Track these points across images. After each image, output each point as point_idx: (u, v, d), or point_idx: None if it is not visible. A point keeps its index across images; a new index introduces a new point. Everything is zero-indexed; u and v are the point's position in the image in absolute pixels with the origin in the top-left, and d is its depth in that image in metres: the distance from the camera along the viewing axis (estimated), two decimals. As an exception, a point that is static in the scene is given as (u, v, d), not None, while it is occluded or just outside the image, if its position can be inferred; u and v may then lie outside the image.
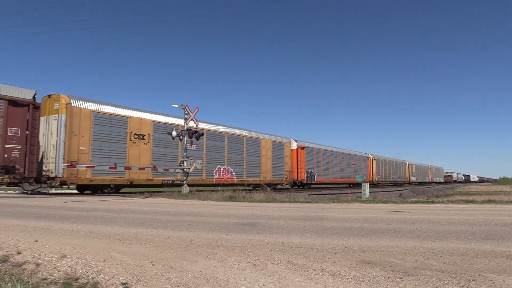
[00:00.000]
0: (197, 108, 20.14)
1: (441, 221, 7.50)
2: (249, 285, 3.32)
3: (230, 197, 14.91)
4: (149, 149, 19.99)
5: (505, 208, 11.17)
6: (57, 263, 3.91)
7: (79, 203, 11.77)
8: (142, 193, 18.57)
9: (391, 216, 8.37)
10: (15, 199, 12.84)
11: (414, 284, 3.30)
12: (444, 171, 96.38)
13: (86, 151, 17.05)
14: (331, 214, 8.99)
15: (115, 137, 18.45)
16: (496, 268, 3.79)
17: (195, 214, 8.76)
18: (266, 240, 5.23)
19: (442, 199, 20.74)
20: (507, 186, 68.53)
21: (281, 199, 14.27)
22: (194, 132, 19.41)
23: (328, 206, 11.89)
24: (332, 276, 3.56)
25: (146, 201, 13.33)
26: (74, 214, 8.14)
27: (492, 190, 47.55)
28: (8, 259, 4.03)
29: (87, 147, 17.15)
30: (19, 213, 8.12)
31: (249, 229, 6.22)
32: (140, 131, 19.69)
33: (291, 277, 3.54)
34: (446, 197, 31.30)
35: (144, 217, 7.93)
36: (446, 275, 3.53)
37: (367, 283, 3.34)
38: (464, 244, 4.94)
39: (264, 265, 3.91)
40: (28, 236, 5.10)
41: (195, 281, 3.42)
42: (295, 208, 10.65)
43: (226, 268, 3.80)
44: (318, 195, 20.88)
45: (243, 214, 8.89)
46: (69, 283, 3.40)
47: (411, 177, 63.35)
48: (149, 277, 3.52)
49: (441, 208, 11.16)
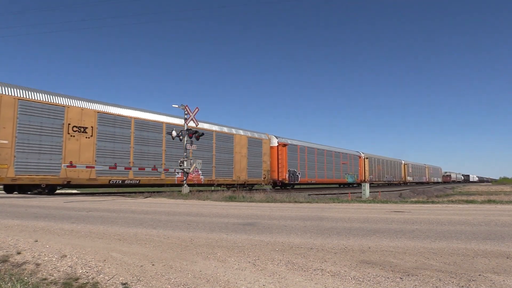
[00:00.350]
0: (197, 108, 20.17)
1: (441, 221, 7.50)
2: (249, 285, 3.32)
3: (230, 197, 14.93)
4: (92, 143, 17.79)
5: (505, 208, 11.17)
6: (57, 263, 3.91)
7: (79, 203, 11.77)
8: (142, 193, 18.58)
9: (391, 216, 8.37)
10: (15, 199, 12.84)
11: (414, 284, 3.30)
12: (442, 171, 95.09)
13: (8, 145, 15.01)
14: (331, 214, 8.98)
15: (47, 130, 16.29)
16: (496, 268, 3.79)
17: (195, 214, 8.76)
18: (266, 240, 5.23)
19: (442, 199, 20.74)
20: (507, 186, 68.49)
21: (281, 199, 14.28)
22: (195, 132, 19.41)
23: (328, 206, 11.89)
24: (332, 276, 3.56)
25: (146, 201, 13.33)
26: (74, 214, 8.14)
27: (492, 190, 47.52)
28: (8, 259, 4.03)
29: (10, 140, 15.09)
30: (19, 213, 8.12)
31: (249, 229, 6.21)
32: (80, 123, 17.45)
33: (291, 277, 3.54)
34: (446, 197, 31.30)
35: (144, 217, 7.93)
36: (446, 275, 3.53)
37: (367, 283, 3.34)
38: (464, 244, 4.94)
39: (264, 265, 3.91)
40: (28, 236, 5.10)
41: (195, 281, 3.42)
42: (295, 208, 10.65)
43: (226, 268, 3.80)
44: (318, 195, 20.92)
45: (243, 214, 8.89)
46: (69, 283, 3.40)
47: (407, 177, 61.44)
48: (149, 277, 3.52)
49: (441, 208, 11.16)
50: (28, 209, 9.13)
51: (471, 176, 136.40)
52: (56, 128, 16.69)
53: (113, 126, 18.88)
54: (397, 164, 58.24)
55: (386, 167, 53.11)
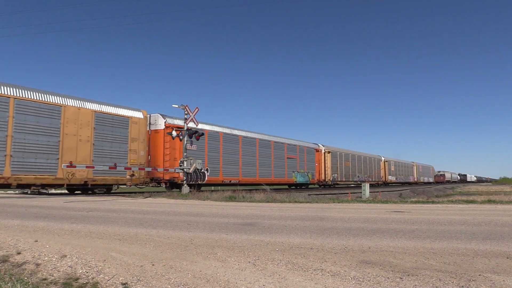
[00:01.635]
0: (197, 108, 20.13)
1: (441, 221, 7.50)
2: (249, 285, 3.32)
3: (230, 197, 14.95)
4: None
5: (505, 208, 11.17)
6: (57, 263, 3.91)
7: (79, 203, 11.77)
8: (142, 193, 18.58)
9: (391, 216, 8.38)
10: (15, 199, 12.85)
11: (414, 284, 3.30)
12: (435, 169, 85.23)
13: None
14: (331, 214, 8.99)
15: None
16: (496, 268, 3.79)
17: (195, 214, 8.77)
18: (266, 240, 5.23)
19: (442, 199, 20.75)
20: (507, 186, 68.46)
21: (281, 199, 14.29)
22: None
23: (328, 206, 11.89)
24: (332, 276, 3.56)
25: (146, 201, 13.34)
26: (74, 214, 8.15)
27: (492, 190, 47.47)
28: (8, 259, 4.03)
29: None
30: (19, 213, 8.12)
31: (249, 229, 6.22)
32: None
33: (291, 277, 3.54)
34: (446, 197, 31.32)
35: (144, 217, 7.94)
36: (446, 275, 3.53)
37: (367, 283, 3.34)
38: (464, 244, 4.94)
39: (264, 265, 3.91)
40: (28, 236, 5.10)
41: (195, 281, 3.42)
42: (295, 208, 10.66)
43: (226, 268, 3.80)
44: (318, 195, 21.01)
45: (243, 214, 8.89)
46: (69, 283, 3.40)
47: (388, 176, 51.87)
48: (149, 277, 3.52)
49: (441, 208, 11.16)
50: (28, 209, 9.13)
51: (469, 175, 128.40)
52: None
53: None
54: (375, 161, 48.99)
55: (359, 164, 43.91)
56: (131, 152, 19.27)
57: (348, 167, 41.10)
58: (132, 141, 19.41)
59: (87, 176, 17.26)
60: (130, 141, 19.32)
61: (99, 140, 17.90)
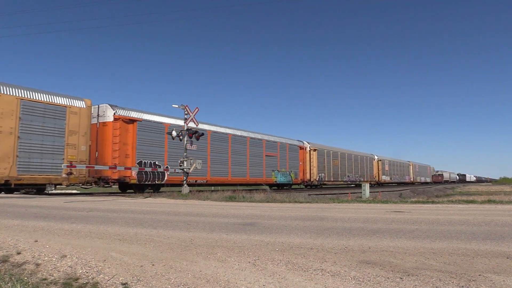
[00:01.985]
0: (197, 108, 20.13)
1: (441, 221, 7.50)
2: (249, 285, 3.32)
3: (230, 197, 14.95)
4: None
5: (505, 208, 11.17)
6: (57, 263, 3.91)
7: (79, 203, 11.78)
8: (142, 193, 18.58)
9: (391, 216, 8.38)
10: (15, 199, 12.85)
11: (414, 284, 3.30)
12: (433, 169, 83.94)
13: None
14: (331, 214, 8.99)
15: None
16: (497, 268, 3.79)
17: (195, 214, 8.77)
18: (266, 240, 5.23)
19: (442, 199, 20.76)
20: (507, 186, 68.46)
21: (281, 199, 14.29)
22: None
23: (328, 206, 11.89)
24: (332, 276, 3.56)
25: (146, 201, 13.34)
26: (74, 214, 8.15)
27: (492, 190, 47.48)
28: (8, 259, 4.03)
29: None
30: (19, 213, 8.12)
31: (249, 229, 6.22)
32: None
33: (291, 277, 3.54)
34: (446, 197, 31.34)
35: (144, 217, 7.94)
36: (446, 275, 3.53)
37: (367, 283, 3.34)
38: (464, 244, 4.94)
39: (264, 265, 3.91)
40: (28, 236, 5.10)
41: (195, 281, 3.42)
42: (295, 208, 10.66)
43: (226, 268, 3.80)
44: (318, 195, 21.01)
45: (243, 214, 8.89)
46: (69, 283, 3.40)
47: (381, 176, 49.85)
48: (149, 277, 3.52)
49: (441, 208, 11.16)
50: (28, 209, 9.13)
51: (468, 175, 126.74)
52: None
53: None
54: (367, 159, 46.95)
55: (349, 163, 41.72)
56: (68, 146, 16.49)
57: (336, 166, 38.67)
58: (71, 134, 16.62)
59: (9, 174, 14.52)
60: (67, 134, 16.53)
61: (26, 132, 15.14)
